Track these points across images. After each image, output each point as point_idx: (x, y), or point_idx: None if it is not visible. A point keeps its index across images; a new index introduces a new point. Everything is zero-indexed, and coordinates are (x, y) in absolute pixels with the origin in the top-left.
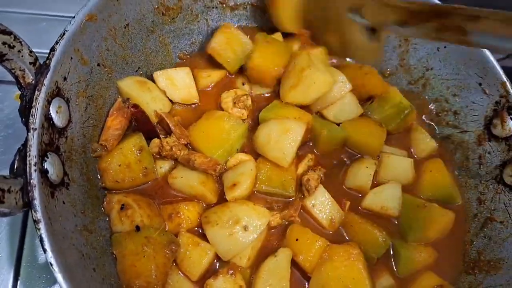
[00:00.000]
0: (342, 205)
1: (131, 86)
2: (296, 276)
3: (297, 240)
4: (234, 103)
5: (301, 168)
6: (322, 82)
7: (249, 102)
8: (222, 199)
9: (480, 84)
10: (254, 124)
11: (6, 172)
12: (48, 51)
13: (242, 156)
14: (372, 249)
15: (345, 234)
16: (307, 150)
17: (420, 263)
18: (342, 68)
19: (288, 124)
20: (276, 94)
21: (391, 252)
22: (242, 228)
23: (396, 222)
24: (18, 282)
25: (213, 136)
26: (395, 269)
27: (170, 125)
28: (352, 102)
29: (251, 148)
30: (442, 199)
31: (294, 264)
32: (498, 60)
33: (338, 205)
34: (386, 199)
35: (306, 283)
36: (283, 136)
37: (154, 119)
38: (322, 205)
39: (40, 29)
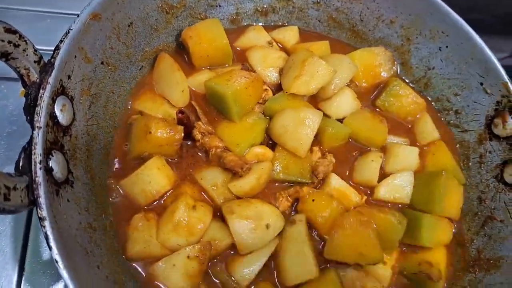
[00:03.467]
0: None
1: None
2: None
3: (313, 200)
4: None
5: (315, 154)
6: (325, 69)
7: (270, 95)
8: None
9: (481, 84)
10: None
11: (11, 169)
12: (53, 48)
13: (263, 152)
14: (391, 234)
15: None
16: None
17: (443, 232)
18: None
19: (304, 112)
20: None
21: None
22: (265, 226)
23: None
24: (23, 278)
25: (238, 131)
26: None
27: (199, 113)
28: (350, 96)
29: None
30: None
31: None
32: (499, 60)
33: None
34: (399, 187)
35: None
36: (300, 125)
37: None
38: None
39: (45, 26)
